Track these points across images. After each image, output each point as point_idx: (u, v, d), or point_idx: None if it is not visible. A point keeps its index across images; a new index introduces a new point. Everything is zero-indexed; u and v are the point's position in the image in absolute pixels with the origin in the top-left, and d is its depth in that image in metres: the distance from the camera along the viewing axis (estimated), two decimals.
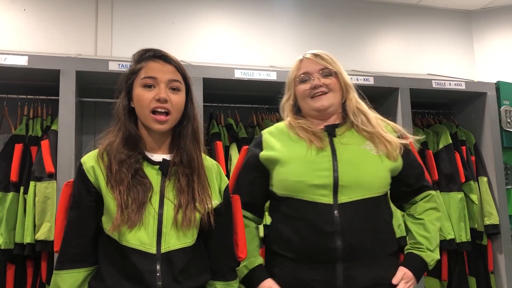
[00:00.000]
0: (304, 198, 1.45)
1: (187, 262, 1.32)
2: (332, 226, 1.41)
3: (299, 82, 1.58)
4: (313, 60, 1.57)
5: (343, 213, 1.42)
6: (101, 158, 1.34)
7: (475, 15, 4.03)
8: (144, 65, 1.36)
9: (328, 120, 1.57)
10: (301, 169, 1.47)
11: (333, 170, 1.45)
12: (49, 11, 3.01)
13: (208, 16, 3.34)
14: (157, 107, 1.32)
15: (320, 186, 1.44)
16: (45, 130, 2.37)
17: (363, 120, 1.54)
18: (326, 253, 1.41)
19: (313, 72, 1.55)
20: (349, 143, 1.51)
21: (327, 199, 1.43)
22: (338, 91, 1.57)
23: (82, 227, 1.32)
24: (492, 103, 2.94)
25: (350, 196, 1.44)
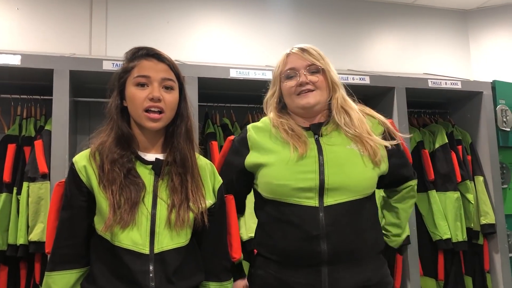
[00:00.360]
0: (289, 201, 1.42)
1: (181, 262, 1.30)
2: (317, 229, 1.38)
3: (285, 78, 1.52)
4: (300, 55, 1.51)
5: (329, 216, 1.38)
6: (93, 157, 1.32)
7: (471, 14, 4.03)
8: (137, 64, 1.34)
9: (313, 118, 1.53)
10: (285, 172, 1.43)
11: (319, 172, 1.41)
12: (43, 11, 2.98)
13: (204, 16, 3.33)
14: (150, 106, 1.31)
15: (305, 189, 1.40)
16: (39, 130, 2.35)
17: (346, 120, 1.48)
18: (312, 256, 1.38)
19: (300, 68, 1.50)
20: (335, 143, 1.47)
21: (313, 201, 1.40)
22: (325, 89, 1.51)
23: (74, 227, 1.31)
24: (488, 102, 2.93)
25: (336, 198, 1.40)
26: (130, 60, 1.36)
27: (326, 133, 1.49)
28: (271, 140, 1.51)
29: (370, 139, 1.46)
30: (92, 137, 1.38)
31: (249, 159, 1.53)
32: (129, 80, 1.34)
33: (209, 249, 1.42)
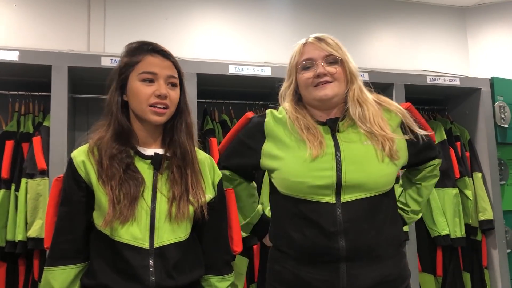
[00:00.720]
0: (306, 197, 1.39)
1: (181, 257, 1.30)
2: (335, 226, 1.35)
3: (301, 69, 1.46)
4: (317, 45, 1.45)
5: (346, 212, 1.35)
6: (91, 152, 1.32)
7: (469, 11, 4.03)
8: (142, 59, 1.34)
9: (330, 110, 1.48)
10: (302, 169, 1.39)
11: (336, 169, 1.37)
12: (41, 7, 2.97)
13: (202, 12, 3.32)
14: (157, 103, 1.31)
15: (322, 187, 1.37)
16: (37, 127, 2.35)
17: (360, 115, 1.43)
18: (329, 253, 1.35)
19: (317, 58, 1.44)
20: (352, 140, 1.42)
21: (330, 198, 1.37)
22: (343, 80, 1.45)
23: (73, 223, 1.31)
24: (487, 98, 2.94)
25: (354, 195, 1.37)
26: (133, 55, 1.35)
27: (343, 129, 1.44)
28: (287, 135, 1.47)
29: (385, 135, 1.41)
30: (90, 132, 1.38)
31: (265, 148, 1.49)
32: (133, 75, 1.33)
33: (209, 243, 1.42)
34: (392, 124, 1.47)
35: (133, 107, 1.34)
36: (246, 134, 1.56)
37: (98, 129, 1.36)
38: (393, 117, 1.49)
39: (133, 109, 1.35)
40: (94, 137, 1.35)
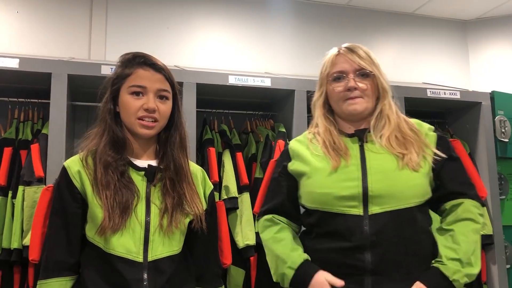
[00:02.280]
0: (333, 210, 1.37)
1: (174, 270, 1.30)
2: (361, 239, 1.32)
3: (332, 80, 1.47)
4: (349, 57, 1.46)
5: (374, 225, 1.32)
6: (85, 162, 1.31)
7: (471, 25, 4.04)
8: (133, 72, 1.34)
9: (360, 122, 1.48)
10: (327, 181, 1.38)
11: (362, 179, 1.36)
12: (43, 14, 2.98)
13: (204, 22, 3.33)
14: (145, 116, 1.32)
15: (348, 198, 1.35)
16: (36, 134, 2.34)
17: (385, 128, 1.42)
18: (354, 266, 1.33)
19: (349, 71, 1.44)
20: (379, 150, 1.41)
21: (357, 210, 1.34)
22: (373, 95, 1.46)
23: (69, 234, 1.30)
24: (487, 112, 2.93)
25: (382, 207, 1.33)
26: (126, 67, 1.35)
27: (371, 140, 1.44)
28: (310, 152, 1.47)
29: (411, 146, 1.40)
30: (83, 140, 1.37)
31: (291, 166, 1.50)
32: (123, 87, 1.34)
33: (201, 255, 1.42)
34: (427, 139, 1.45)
35: (124, 119, 1.35)
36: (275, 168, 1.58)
37: (91, 137, 1.36)
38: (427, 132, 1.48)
39: (124, 121, 1.35)
40: (87, 146, 1.34)
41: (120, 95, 1.34)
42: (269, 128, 2.71)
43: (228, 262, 1.49)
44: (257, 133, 2.69)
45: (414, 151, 1.38)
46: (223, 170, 2.44)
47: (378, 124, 1.44)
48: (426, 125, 1.52)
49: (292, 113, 2.57)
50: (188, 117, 2.30)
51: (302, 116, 2.54)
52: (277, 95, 2.68)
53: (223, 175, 2.42)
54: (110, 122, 1.34)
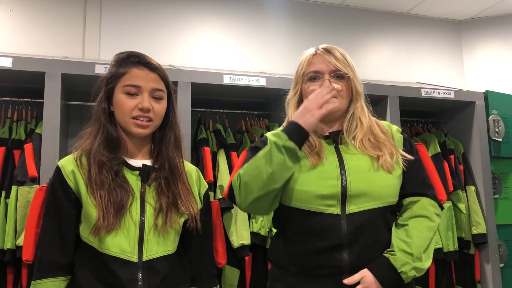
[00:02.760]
0: (311, 208, 1.37)
1: (169, 270, 1.30)
2: (339, 238, 1.34)
3: (307, 80, 1.48)
4: (326, 58, 1.46)
5: (351, 224, 1.34)
6: (79, 161, 1.31)
7: (465, 25, 4.06)
8: (127, 71, 1.33)
9: (332, 123, 1.49)
10: (308, 179, 1.39)
11: (341, 179, 1.37)
12: (37, 13, 2.96)
13: (199, 21, 3.32)
14: (140, 116, 1.31)
15: (327, 196, 1.36)
16: (29, 133, 2.32)
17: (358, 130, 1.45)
18: (332, 265, 1.34)
19: (324, 72, 1.45)
20: (354, 152, 1.43)
21: (335, 209, 1.36)
22: (347, 97, 1.47)
23: (63, 234, 1.29)
24: (481, 112, 2.95)
25: (359, 206, 1.36)
26: (120, 66, 1.35)
27: (345, 141, 1.46)
28: None
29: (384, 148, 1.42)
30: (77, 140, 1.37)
31: None
32: (118, 87, 1.33)
33: (195, 255, 1.42)
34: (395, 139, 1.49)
35: (118, 118, 1.34)
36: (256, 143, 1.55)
37: (86, 137, 1.35)
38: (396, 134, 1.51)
39: (118, 121, 1.34)
40: (81, 145, 1.34)
41: (115, 94, 1.33)
42: (264, 128, 2.70)
43: (223, 262, 1.49)
44: (252, 133, 2.69)
45: (387, 153, 1.41)
46: (218, 169, 2.43)
47: (351, 126, 1.46)
48: (394, 127, 1.55)
49: None
50: (183, 116, 2.29)
51: None
52: (272, 94, 2.68)
53: (218, 175, 2.42)
54: (104, 122, 1.33)
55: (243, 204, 1.40)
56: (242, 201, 1.38)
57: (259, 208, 1.44)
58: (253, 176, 1.35)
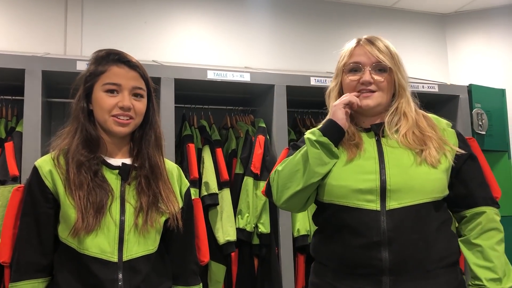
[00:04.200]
0: (349, 204, 1.31)
1: (150, 269, 1.29)
2: (378, 235, 1.26)
3: (348, 70, 1.42)
4: (368, 49, 1.39)
5: (391, 221, 1.27)
6: (57, 161, 1.29)
7: (449, 19, 4.08)
8: (107, 69, 1.31)
9: (374, 117, 1.42)
10: (344, 173, 1.33)
11: (380, 173, 1.31)
12: (17, 9, 2.91)
13: (182, 16, 3.29)
14: (120, 114, 1.30)
15: (365, 191, 1.30)
16: (10, 132, 2.29)
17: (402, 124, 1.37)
18: (371, 265, 1.27)
19: (366, 64, 1.38)
20: (396, 145, 1.36)
21: (374, 205, 1.29)
22: (389, 91, 1.40)
23: (40, 235, 1.27)
24: (465, 105, 2.97)
25: (400, 202, 1.28)
26: (99, 64, 1.32)
27: (387, 134, 1.38)
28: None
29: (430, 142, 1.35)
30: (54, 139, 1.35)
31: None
32: (97, 85, 1.31)
33: (177, 253, 1.41)
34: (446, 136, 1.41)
35: (97, 117, 1.32)
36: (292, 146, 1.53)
37: (63, 136, 1.33)
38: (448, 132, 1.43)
39: (97, 119, 1.32)
40: (59, 145, 1.31)
41: (94, 92, 1.31)
42: (249, 124, 2.70)
43: (206, 259, 1.48)
44: (237, 129, 2.68)
45: (433, 147, 1.34)
46: (203, 166, 2.42)
47: (393, 119, 1.40)
48: (443, 121, 1.47)
49: (272, 108, 2.56)
50: (167, 113, 2.28)
51: (282, 111, 2.54)
52: (257, 90, 2.67)
53: (203, 171, 2.40)
54: (83, 121, 1.31)
55: (279, 200, 1.40)
56: (279, 197, 1.39)
57: (295, 205, 1.42)
58: (290, 172, 1.36)
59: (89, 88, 1.32)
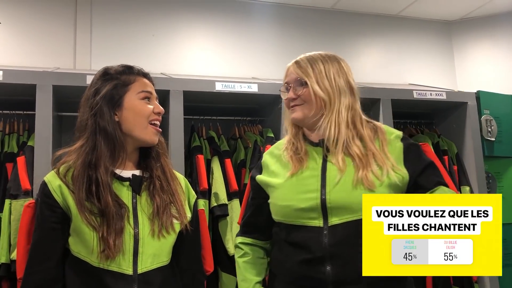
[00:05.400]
0: (294, 222, 1.38)
1: (163, 281, 1.29)
2: (320, 251, 1.32)
3: (283, 91, 1.53)
4: (292, 68, 1.49)
5: (333, 236, 1.32)
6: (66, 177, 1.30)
7: (455, 25, 4.09)
8: (136, 79, 1.36)
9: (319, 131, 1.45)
10: (288, 193, 1.40)
11: (321, 192, 1.36)
12: (27, 25, 2.96)
13: (189, 29, 3.32)
14: (156, 119, 1.35)
15: (307, 209, 1.36)
16: (21, 146, 2.31)
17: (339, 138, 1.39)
18: (315, 278, 1.33)
19: (290, 82, 1.48)
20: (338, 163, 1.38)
21: (317, 221, 1.35)
22: (313, 101, 1.43)
23: (47, 251, 1.27)
24: (473, 112, 2.95)
25: (341, 217, 1.33)
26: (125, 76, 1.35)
27: (331, 150, 1.41)
28: (277, 163, 1.49)
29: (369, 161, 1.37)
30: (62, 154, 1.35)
31: (259, 177, 1.52)
32: (130, 94, 1.34)
33: (184, 264, 1.42)
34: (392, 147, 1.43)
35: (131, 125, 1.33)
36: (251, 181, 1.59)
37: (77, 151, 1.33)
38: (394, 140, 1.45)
39: (130, 128, 1.33)
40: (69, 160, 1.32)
41: (126, 101, 1.33)
42: (258, 134, 2.70)
43: (211, 269, 1.51)
44: (246, 139, 2.69)
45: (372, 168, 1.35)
46: (212, 177, 2.43)
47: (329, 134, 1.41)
48: (394, 134, 1.48)
49: (280, 118, 2.56)
50: (176, 124, 2.30)
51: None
52: (265, 100, 2.68)
53: (212, 182, 2.41)
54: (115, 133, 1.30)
55: None
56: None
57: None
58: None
59: (119, 100, 1.33)
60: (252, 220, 1.56)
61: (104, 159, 1.29)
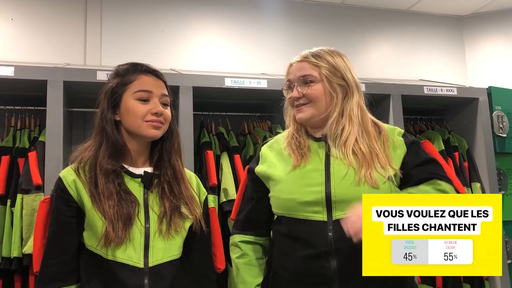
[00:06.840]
0: (297, 216, 1.37)
1: (174, 275, 1.31)
2: (325, 245, 1.32)
3: (285, 88, 1.51)
4: (297, 65, 1.45)
5: (338, 230, 1.30)
6: (83, 171, 1.31)
7: (466, 20, 4.05)
8: (136, 78, 1.35)
9: (322, 128, 1.45)
10: (292, 186, 1.38)
11: (325, 185, 1.35)
12: (37, 21, 2.98)
13: (199, 25, 3.33)
14: (153, 121, 1.33)
15: (311, 203, 1.35)
16: (33, 142, 2.33)
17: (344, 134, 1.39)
18: (321, 274, 1.32)
19: (294, 80, 1.45)
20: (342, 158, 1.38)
21: (321, 216, 1.34)
22: (322, 100, 1.41)
23: (62, 244, 1.30)
24: (484, 108, 2.93)
25: (346, 212, 1.31)
26: (126, 75, 1.36)
27: (334, 146, 1.41)
28: (277, 156, 1.48)
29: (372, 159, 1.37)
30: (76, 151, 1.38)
31: (258, 168, 1.50)
32: (127, 94, 1.34)
33: (195, 260, 1.43)
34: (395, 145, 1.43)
35: (128, 125, 1.35)
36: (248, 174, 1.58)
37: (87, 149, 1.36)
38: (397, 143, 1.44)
39: (128, 127, 1.35)
40: (83, 156, 1.34)
41: (123, 101, 1.34)
42: (267, 130, 2.70)
43: (222, 266, 1.51)
44: (255, 135, 2.69)
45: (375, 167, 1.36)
46: (222, 172, 2.44)
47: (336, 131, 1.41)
48: (395, 131, 1.48)
49: None
50: (186, 120, 2.31)
51: None
52: (274, 96, 2.66)
53: (221, 178, 2.42)
54: (112, 132, 1.33)
55: None
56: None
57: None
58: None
59: (117, 98, 1.35)
60: (252, 215, 1.54)
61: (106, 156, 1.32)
